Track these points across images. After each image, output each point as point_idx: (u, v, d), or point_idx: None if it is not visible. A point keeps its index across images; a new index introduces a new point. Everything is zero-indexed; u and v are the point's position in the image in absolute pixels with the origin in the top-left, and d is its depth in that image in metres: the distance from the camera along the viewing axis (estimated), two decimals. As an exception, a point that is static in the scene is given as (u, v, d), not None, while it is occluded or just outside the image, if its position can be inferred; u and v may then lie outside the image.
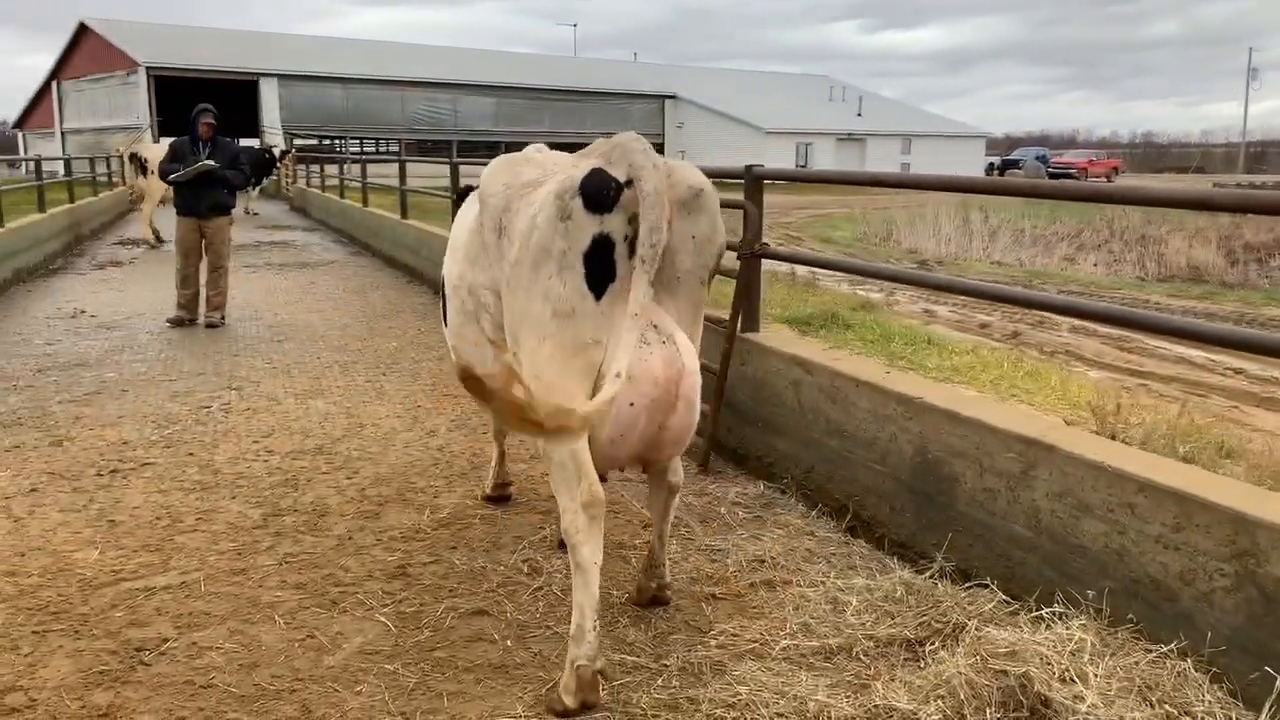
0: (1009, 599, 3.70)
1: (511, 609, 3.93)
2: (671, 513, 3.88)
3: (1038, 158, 63.80)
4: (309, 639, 3.71)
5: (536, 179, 3.52)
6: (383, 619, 3.85)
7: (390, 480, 5.45)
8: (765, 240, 5.64)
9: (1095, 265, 20.91)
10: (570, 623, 3.33)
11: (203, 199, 9.98)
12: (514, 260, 3.40)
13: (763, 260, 5.66)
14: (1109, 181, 60.52)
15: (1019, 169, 61.11)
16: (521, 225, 3.38)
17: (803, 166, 56.82)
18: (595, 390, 3.21)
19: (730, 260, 5.71)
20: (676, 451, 3.56)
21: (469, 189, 4.66)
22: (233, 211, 10.54)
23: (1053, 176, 59.94)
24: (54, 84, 50.88)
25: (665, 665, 3.52)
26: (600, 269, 3.21)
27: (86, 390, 7.44)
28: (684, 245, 3.34)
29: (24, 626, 3.77)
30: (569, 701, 3.22)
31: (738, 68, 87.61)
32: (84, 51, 47.75)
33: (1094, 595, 3.36)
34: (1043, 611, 3.35)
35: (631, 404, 3.21)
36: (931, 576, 4.00)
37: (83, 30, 47.69)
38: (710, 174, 3.57)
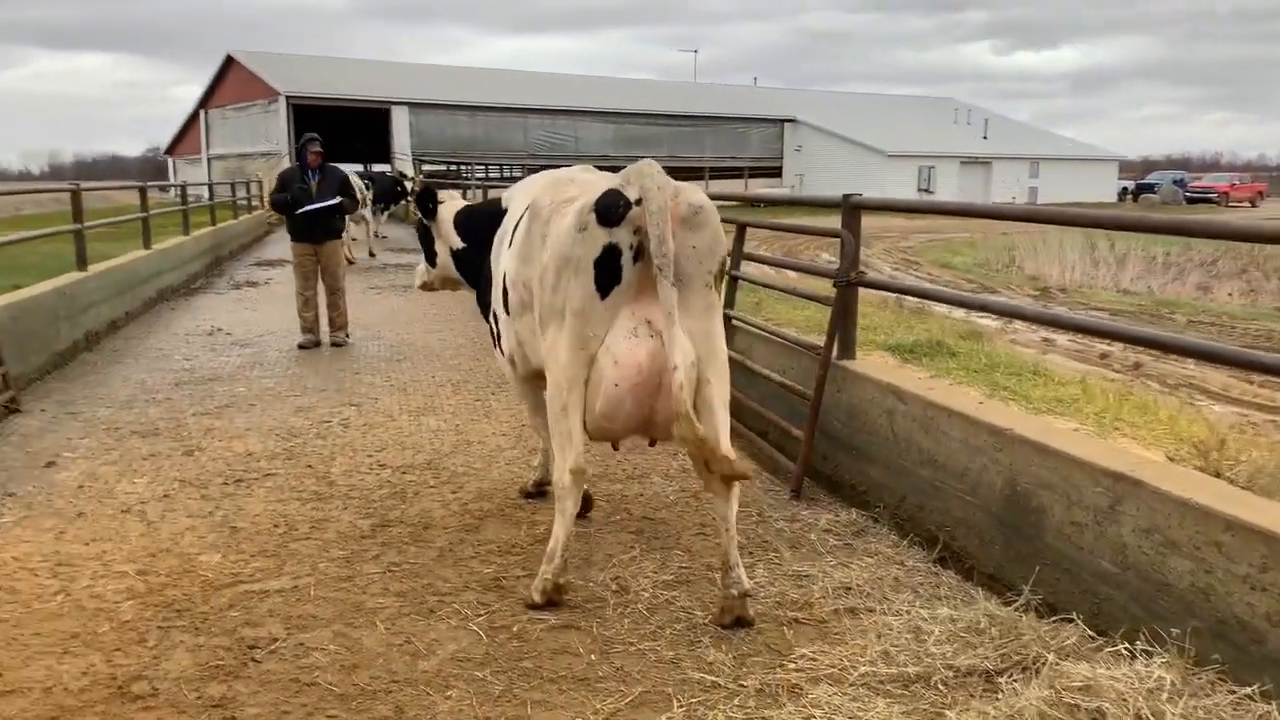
0: (1094, 634, 3.66)
1: (597, 624, 4.07)
2: (734, 500, 4.12)
3: (1175, 181, 61.29)
4: (406, 644, 3.92)
5: (574, 196, 4.18)
6: (475, 628, 4.04)
7: (492, 496, 5.67)
8: (863, 268, 5.68)
9: (1231, 295, 20.02)
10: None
11: (317, 225, 10.41)
12: (544, 263, 4.12)
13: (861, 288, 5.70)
14: (1253, 207, 57.70)
15: (1154, 193, 58.83)
16: (553, 234, 4.09)
17: (925, 190, 55.92)
18: (591, 375, 3.99)
19: (827, 288, 5.78)
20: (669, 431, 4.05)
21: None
22: (347, 234, 11.08)
23: (1190, 201, 57.47)
24: (201, 112, 53.86)
25: (743, 686, 3.59)
26: (608, 274, 3.90)
27: (218, 404, 7.92)
28: (686, 254, 3.93)
29: (151, 621, 4.09)
30: (538, 598, 4.18)
31: (862, 91, 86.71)
32: (230, 82, 50.46)
33: (1179, 634, 3.30)
34: (1122, 647, 3.31)
35: (616, 385, 3.91)
36: (1017, 609, 3.98)
37: (229, 62, 50.42)
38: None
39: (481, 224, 5.35)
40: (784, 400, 6.15)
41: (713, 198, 4.30)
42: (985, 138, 61.84)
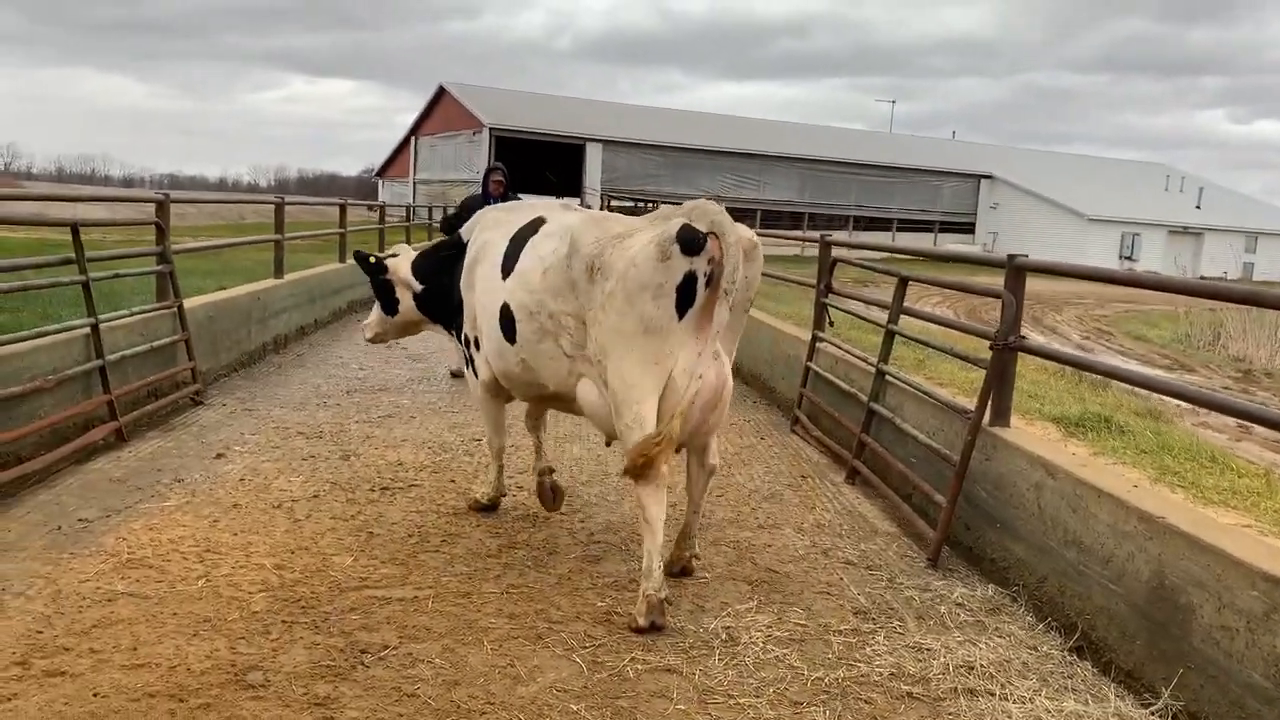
0: (1239, 754, 3.32)
1: (700, 673, 3.99)
2: (706, 490, 5.02)
3: None
4: (509, 667, 3.95)
5: (624, 232, 4.59)
6: (579, 660, 4.03)
7: (619, 529, 5.68)
8: (1033, 333, 5.42)
9: None
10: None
11: None
12: (608, 291, 4.44)
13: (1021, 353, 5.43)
14: None
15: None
16: (620, 265, 4.41)
17: (1128, 259, 53.08)
18: (666, 390, 4.39)
19: (983, 350, 5.54)
20: (704, 441, 4.78)
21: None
22: None
23: None
24: (412, 139, 56.99)
25: (840, 755, 3.44)
26: (685, 297, 4.30)
27: (382, 413, 8.29)
28: (743, 285, 4.43)
29: (277, 615, 4.28)
30: (642, 621, 4.34)
31: (1069, 151, 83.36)
32: (440, 111, 53.23)
33: (1334, 766, 2.95)
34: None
35: (692, 401, 4.38)
36: (1155, 713, 3.67)
37: (441, 93, 53.24)
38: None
39: (443, 264, 5.93)
40: (930, 464, 5.92)
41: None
42: (1198, 207, 58.21)
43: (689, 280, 4.27)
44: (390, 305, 6.32)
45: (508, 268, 5.09)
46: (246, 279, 11.94)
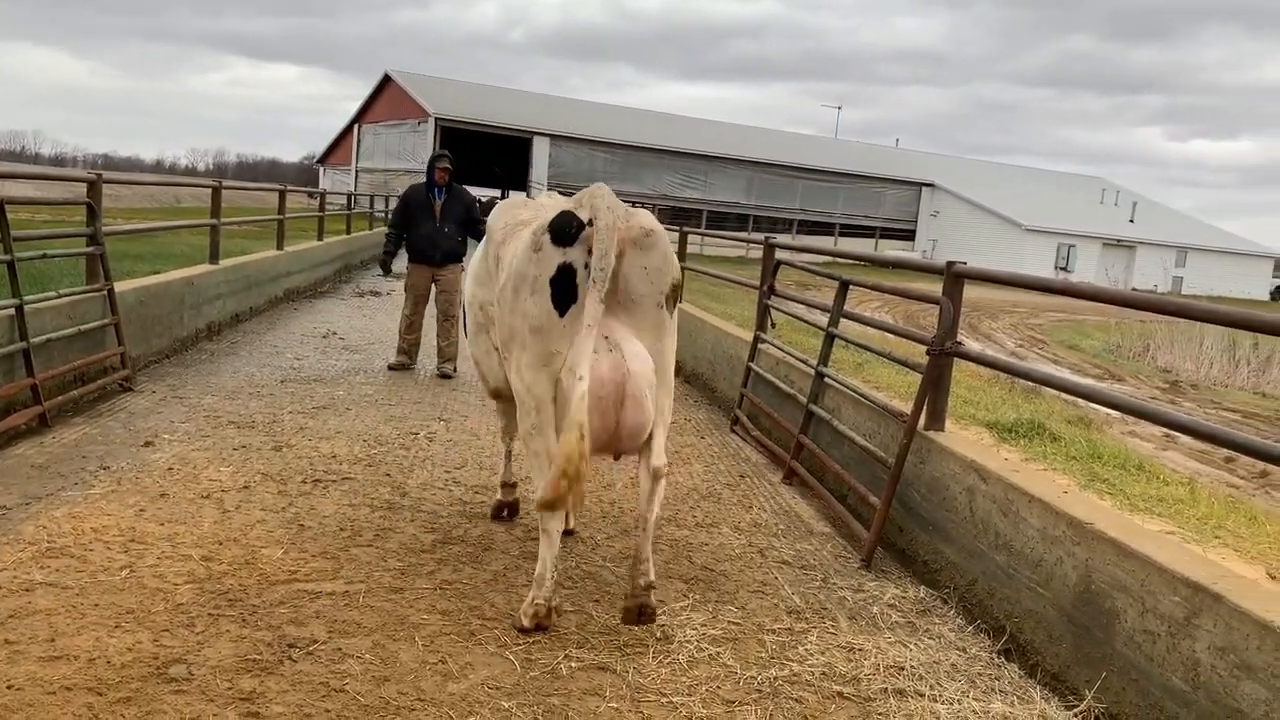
0: (1157, 755, 3.40)
1: (634, 671, 3.98)
2: (657, 501, 4.27)
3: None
4: (440, 664, 3.90)
5: (528, 219, 4.45)
6: (511, 657, 3.99)
7: (557, 527, 5.64)
8: (964, 340, 5.50)
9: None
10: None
11: (438, 246, 9.85)
12: (501, 284, 4.33)
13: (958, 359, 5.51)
14: None
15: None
16: (507, 256, 4.34)
17: (1063, 269, 54.24)
18: (557, 392, 4.10)
19: (920, 355, 5.61)
20: (635, 443, 4.22)
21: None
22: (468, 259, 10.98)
23: (1351, 307, 54.21)
24: (356, 126, 56.23)
25: (770, 754, 3.46)
26: (564, 292, 4.04)
27: (317, 404, 8.15)
28: (637, 274, 4.12)
29: (203, 607, 4.18)
30: (526, 623, 4.18)
31: (1008, 162, 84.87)
32: (385, 99, 52.60)
33: (1247, 768, 3.03)
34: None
35: (581, 400, 3.95)
36: (1078, 715, 3.74)
37: (386, 80, 52.61)
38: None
39: None
40: (866, 465, 5.98)
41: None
42: (1132, 221, 59.73)
43: (564, 273, 4.04)
44: None
45: None
46: (183, 264, 11.68)
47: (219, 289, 11.20)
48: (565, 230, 4.02)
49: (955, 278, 5.47)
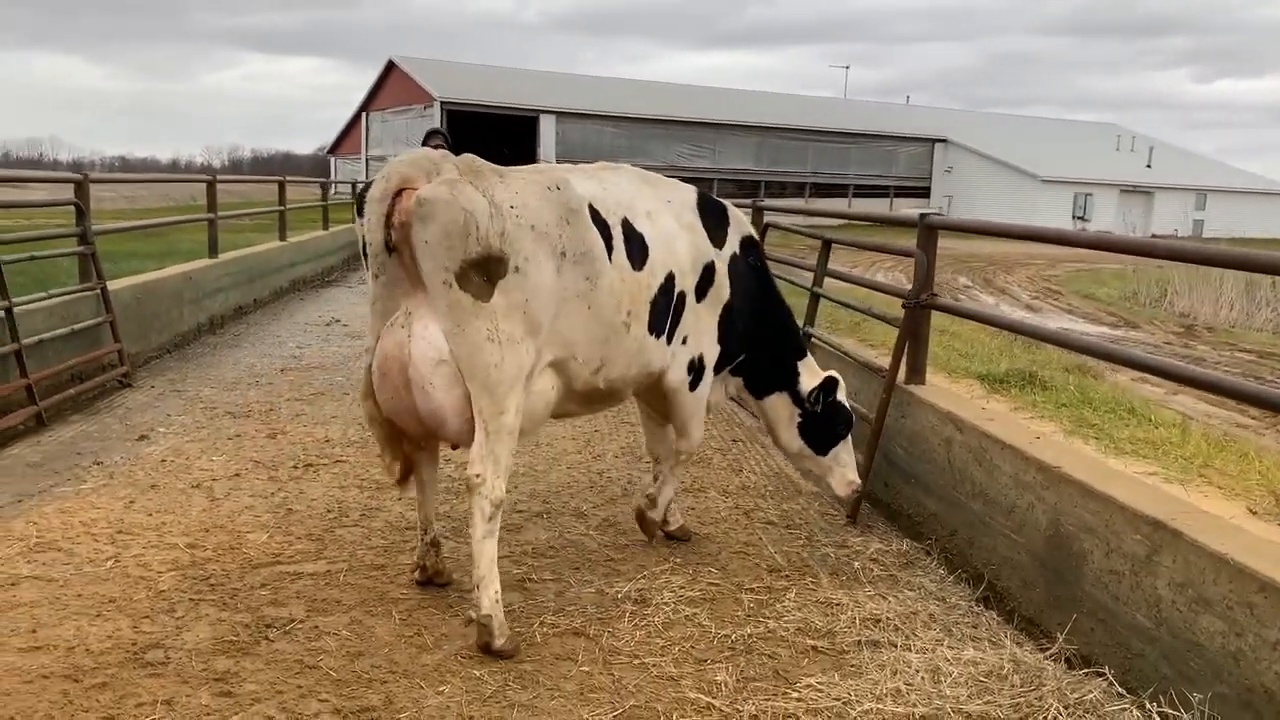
0: (1123, 691, 3.40)
1: (608, 635, 4.01)
2: (474, 521, 3.91)
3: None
4: (416, 636, 3.95)
5: None
6: (487, 627, 4.03)
7: (544, 497, 5.69)
8: (935, 291, 5.46)
9: None
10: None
11: None
12: None
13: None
14: None
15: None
16: None
17: (1080, 218, 53.63)
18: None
19: (896, 308, 5.59)
20: (446, 432, 3.96)
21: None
22: None
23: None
24: (364, 115, 56.23)
25: (738, 710, 3.48)
26: (371, 264, 3.85)
27: (315, 390, 8.21)
28: (420, 249, 3.67)
29: (184, 593, 4.25)
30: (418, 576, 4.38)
31: (1023, 114, 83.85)
32: (390, 86, 52.55)
33: (1204, 699, 3.03)
34: (1133, 708, 3.06)
35: (373, 371, 3.93)
36: (1050, 657, 3.75)
37: (390, 68, 52.54)
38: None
39: None
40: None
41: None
42: (1149, 166, 58.89)
43: (363, 245, 3.88)
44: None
45: None
46: (189, 260, 11.77)
47: (219, 282, 11.28)
48: (360, 201, 3.84)
49: (929, 230, 5.43)
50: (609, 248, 4.12)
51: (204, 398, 7.81)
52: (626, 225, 4.28)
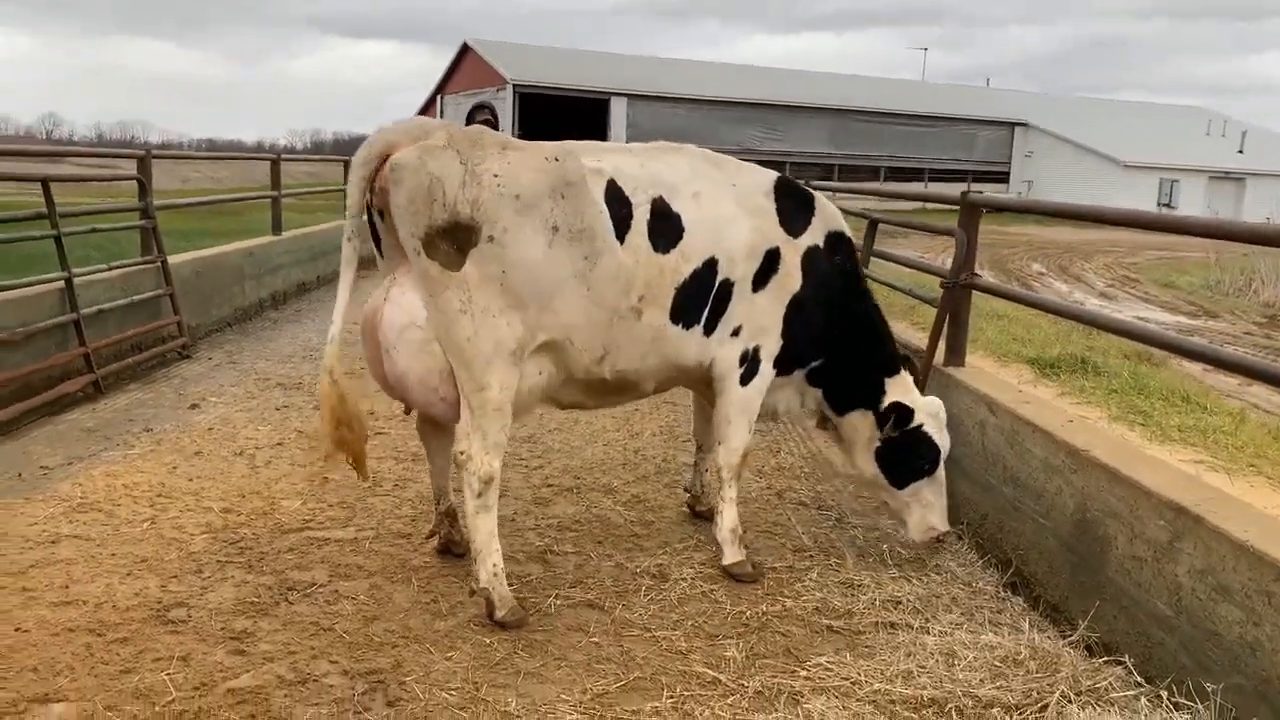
0: (1142, 680, 3.30)
1: (622, 608, 4.01)
2: (465, 496, 3.81)
3: None
4: (433, 603, 4.00)
5: None
6: (502, 597, 4.07)
7: (576, 473, 5.70)
8: (978, 271, 5.34)
9: None
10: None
11: None
12: None
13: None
14: None
15: None
16: None
17: (1166, 205, 51.94)
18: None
19: (935, 289, 5.47)
20: (418, 398, 3.99)
21: None
22: None
23: None
24: (439, 97, 56.84)
25: (743, 685, 3.46)
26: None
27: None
28: (395, 213, 3.64)
29: (214, 555, 4.36)
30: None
31: (1107, 98, 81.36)
32: (464, 69, 53.00)
33: (1221, 689, 2.92)
34: (1146, 699, 2.96)
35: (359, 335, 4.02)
36: (1070, 644, 3.65)
37: (465, 51, 52.98)
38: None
39: None
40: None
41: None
42: (1241, 151, 56.74)
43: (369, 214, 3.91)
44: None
45: None
46: (253, 237, 12.01)
47: (281, 259, 11.51)
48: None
49: (970, 209, 5.30)
50: (624, 226, 3.94)
51: (258, 370, 7.99)
52: (659, 204, 4.05)
